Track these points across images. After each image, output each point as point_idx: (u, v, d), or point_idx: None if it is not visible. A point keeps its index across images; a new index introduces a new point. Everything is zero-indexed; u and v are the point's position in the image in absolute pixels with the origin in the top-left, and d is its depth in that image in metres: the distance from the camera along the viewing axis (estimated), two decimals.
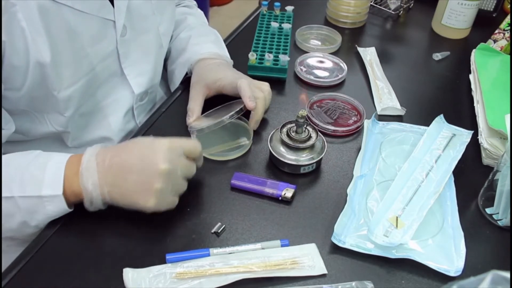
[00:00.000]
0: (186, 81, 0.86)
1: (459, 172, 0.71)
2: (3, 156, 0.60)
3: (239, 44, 0.89)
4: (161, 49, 0.82)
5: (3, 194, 0.57)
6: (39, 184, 0.57)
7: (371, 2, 1.14)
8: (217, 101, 0.81)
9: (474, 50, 0.97)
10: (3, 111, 0.63)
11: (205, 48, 0.84)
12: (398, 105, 0.85)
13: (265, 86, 0.79)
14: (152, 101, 0.86)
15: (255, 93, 0.75)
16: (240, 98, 0.75)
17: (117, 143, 0.79)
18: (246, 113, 0.76)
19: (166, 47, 0.85)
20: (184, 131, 0.76)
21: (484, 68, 0.90)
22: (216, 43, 0.88)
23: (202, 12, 1.00)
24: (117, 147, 0.61)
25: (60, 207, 0.58)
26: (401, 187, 0.67)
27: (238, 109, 0.73)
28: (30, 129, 0.70)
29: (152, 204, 0.58)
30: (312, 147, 0.71)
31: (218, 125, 0.72)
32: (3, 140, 0.65)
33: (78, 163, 0.58)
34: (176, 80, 0.86)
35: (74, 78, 0.67)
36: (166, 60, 0.91)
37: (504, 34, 0.99)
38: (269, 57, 0.87)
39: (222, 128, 0.73)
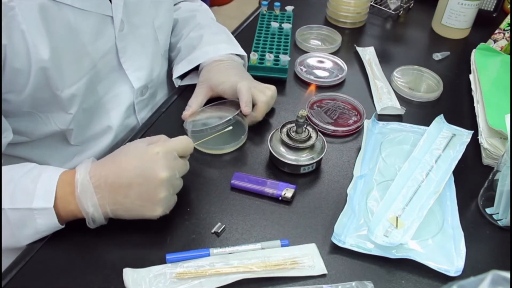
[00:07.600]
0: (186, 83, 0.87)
1: (459, 172, 0.71)
2: None
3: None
4: (157, 43, 0.82)
5: None
6: (31, 197, 0.56)
7: (371, 2, 1.14)
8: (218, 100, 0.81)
9: (474, 50, 0.97)
10: (2, 118, 0.63)
11: (218, 50, 0.84)
12: (397, 105, 0.85)
13: (269, 91, 0.77)
14: (153, 97, 0.86)
15: (257, 97, 0.75)
16: None
17: (118, 139, 0.80)
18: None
19: (163, 42, 0.85)
20: (183, 131, 0.76)
21: (484, 68, 0.90)
22: (229, 42, 0.88)
23: (207, 7, 0.99)
24: (110, 161, 0.59)
25: (50, 221, 0.57)
26: (401, 187, 0.67)
27: (234, 114, 0.72)
28: (33, 130, 0.70)
29: (159, 213, 0.58)
30: (312, 147, 0.71)
31: (212, 130, 0.71)
32: (2, 148, 0.64)
33: (72, 182, 0.57)
34: (176, 74, 0.85)
35: (77, 76, 0.67)
36: (174, 58, 0.91)
37: (504, 34, 0.99)
38: (269, 57, 0.87)
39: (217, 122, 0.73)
